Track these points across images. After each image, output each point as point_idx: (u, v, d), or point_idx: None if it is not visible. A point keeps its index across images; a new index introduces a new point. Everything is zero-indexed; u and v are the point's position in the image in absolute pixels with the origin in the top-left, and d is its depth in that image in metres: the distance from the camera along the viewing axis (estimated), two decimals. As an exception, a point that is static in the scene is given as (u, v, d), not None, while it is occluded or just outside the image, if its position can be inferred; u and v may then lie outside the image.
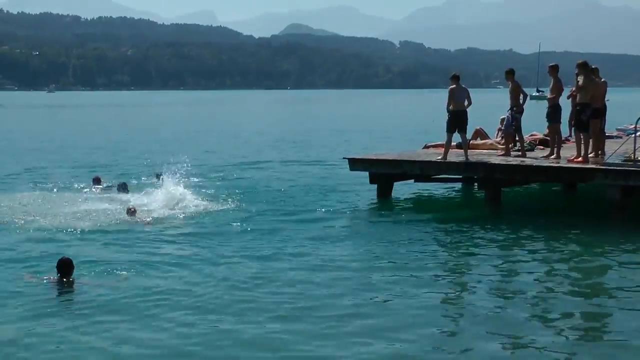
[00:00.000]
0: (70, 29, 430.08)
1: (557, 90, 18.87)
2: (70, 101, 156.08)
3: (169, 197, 18.41)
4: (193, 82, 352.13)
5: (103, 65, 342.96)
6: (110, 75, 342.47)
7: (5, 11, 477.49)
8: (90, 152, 36.36)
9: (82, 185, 21.57)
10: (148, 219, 16.72)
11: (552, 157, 18.75)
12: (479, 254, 13.80)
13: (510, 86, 19.39)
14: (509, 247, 14.36)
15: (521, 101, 19.33)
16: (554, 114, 19.10)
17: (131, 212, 16.98)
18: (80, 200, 19.17)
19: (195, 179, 23.34)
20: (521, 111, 19.45)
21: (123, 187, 20.71)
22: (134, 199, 18.99)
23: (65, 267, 11.36)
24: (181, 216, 17.26)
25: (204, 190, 21.68)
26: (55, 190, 20.84)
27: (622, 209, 16.78)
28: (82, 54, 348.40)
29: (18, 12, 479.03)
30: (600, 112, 18.86)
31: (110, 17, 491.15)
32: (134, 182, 22.46)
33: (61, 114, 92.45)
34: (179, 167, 19.74)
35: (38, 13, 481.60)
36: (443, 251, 14.27)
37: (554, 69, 19.08)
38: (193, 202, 18.97)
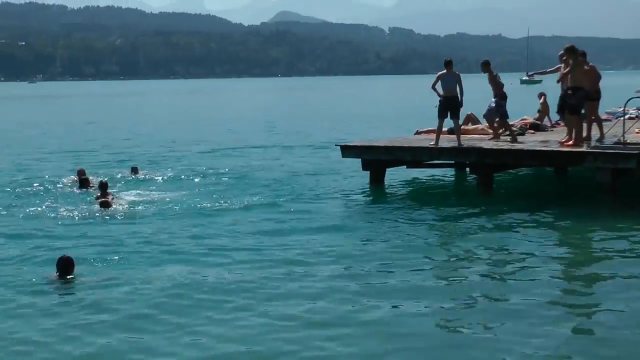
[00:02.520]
0: (57, 19, 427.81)
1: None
2: (50, 92, 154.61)
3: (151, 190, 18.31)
4: (182, 71, 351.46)
5: (91, 55, 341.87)
6: (98, 65, 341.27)
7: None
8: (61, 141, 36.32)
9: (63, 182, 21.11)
10: (122, 209, 16.76)
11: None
12: (471, 238, 13.89)
13: (488, 76, 19.71)
14: (501, 232, 14.42)
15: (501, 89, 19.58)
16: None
17: (104, 204, 16.89)
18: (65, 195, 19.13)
19: (184, 167, 23.40)
20: (504, 97, 19.69)
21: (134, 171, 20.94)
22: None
23: (65, 266, 11.16)
24: (170, 207, 17.21)
25: (193, 179, 21.78)
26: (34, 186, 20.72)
27: (613, 191, 16.92)
28: (69, 44, 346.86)
29: (3, 2, 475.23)
30: (598, 95, 18.83)
31: (98, 6, 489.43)
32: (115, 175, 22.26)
33: (34, 105, 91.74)
34: (163, 158, 19.58)
35: (23, 2, 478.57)
36: (436, 236, 14.36)
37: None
38: (180, 192, 19.06)
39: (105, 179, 19.21)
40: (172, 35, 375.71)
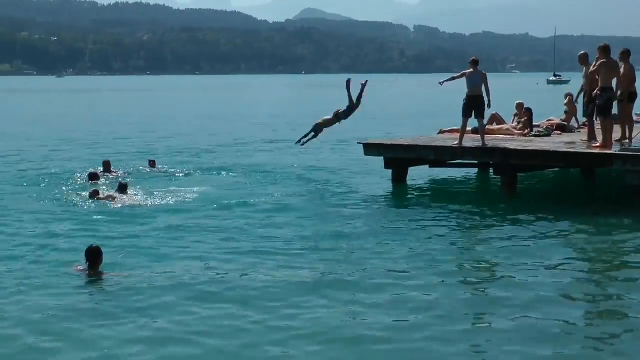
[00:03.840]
0: (88, 15, 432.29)
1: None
2: (77, 86, 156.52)
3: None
4: (208, 67, 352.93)
5: (119, 51, 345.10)
6: (126, 60, 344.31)
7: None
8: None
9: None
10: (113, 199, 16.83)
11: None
12: (493, 240, 13.60)
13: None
14: (525, 234, 14.07)
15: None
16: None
17: (95, 194, 17.09)
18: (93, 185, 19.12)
19: (208, 161, 23.32)
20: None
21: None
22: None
23: (94, 255, 11.11)
24: (186, 201, 17.22)
25: (213, 174, 21.73)
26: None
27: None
28: (99, 39, 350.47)
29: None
30: (634, 97, 18.37)
31: (127, 2, 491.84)
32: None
33: (56, 99, 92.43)
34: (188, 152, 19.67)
35: None
36: (458, 237, 14.09)
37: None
38: (199, 186, 19.00)
39: (126, 181, 19.06)
40: (199, 32, 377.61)
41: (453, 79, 19.12)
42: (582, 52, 19.64)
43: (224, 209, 16.34)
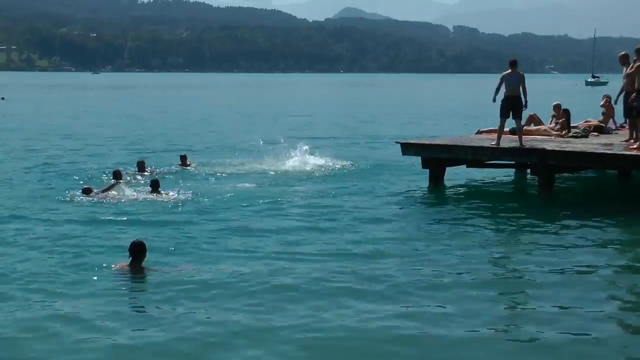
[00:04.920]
0: (127, 12, 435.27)
1: None
2: (112, 82, 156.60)
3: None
4: (246, 65, 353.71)
5: (158, 48, 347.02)
6: (164, 57, 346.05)
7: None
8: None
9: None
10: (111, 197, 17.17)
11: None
12: (530, 241, 13.68)
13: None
14: (562, 235, 14.15)
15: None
16: None
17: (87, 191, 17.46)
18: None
19: (242, 158, 23.58)
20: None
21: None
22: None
23: (137, 250, 11.24)
24: (229, 200, 17.42)
25: (245, 172, 21.89)
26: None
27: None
28: (138, 36, 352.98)
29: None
30: None
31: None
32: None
33: (88, 96, 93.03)
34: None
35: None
36: (492, 238, 14.15)
37: None
38: (238, 184, 19.30)
39: (156, 177, 19.38)
40: (238, 30, 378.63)
41: (498, 89, 18.90)
42: (623, 52, 19.65)
43: (256, 208, 16.45)
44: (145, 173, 21.00)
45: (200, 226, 14.58)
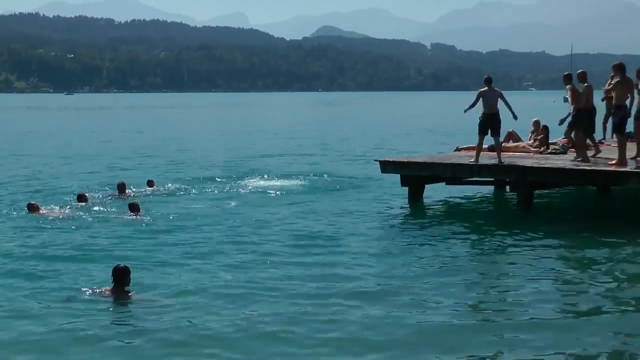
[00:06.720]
0: (104, 32, 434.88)
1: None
2: (85, 104, 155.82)
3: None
4: (225, 85, 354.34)
5: (136, 68, 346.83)
6: (143, 78, 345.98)
7: (42, 15, 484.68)
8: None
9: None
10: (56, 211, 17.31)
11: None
12: (510, 258, 13.67)
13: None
14: (541, 251, 14.10)
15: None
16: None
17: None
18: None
19: (225, 175, 23.37)
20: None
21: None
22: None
23: (120, 274, 10.91)
24: (211, 217, 17.37)
25: (228, 188, 21.83)
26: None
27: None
28: (116, 56, 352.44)
29: (54, 16, 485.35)
30: None
31: (143, 19, 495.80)
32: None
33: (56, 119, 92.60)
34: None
35: (73, 16, 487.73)
36: (474, 255, 14.14)
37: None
38: (213, 202, 19.25)
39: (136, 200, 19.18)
40: (216, 49, 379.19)
41: (473, 105, 18.95)
42: (566, 72, 19.72)
43: (232, 223, 16.57)
44: (125, 195, 20.73)
45: (177, 248, 14.39)
